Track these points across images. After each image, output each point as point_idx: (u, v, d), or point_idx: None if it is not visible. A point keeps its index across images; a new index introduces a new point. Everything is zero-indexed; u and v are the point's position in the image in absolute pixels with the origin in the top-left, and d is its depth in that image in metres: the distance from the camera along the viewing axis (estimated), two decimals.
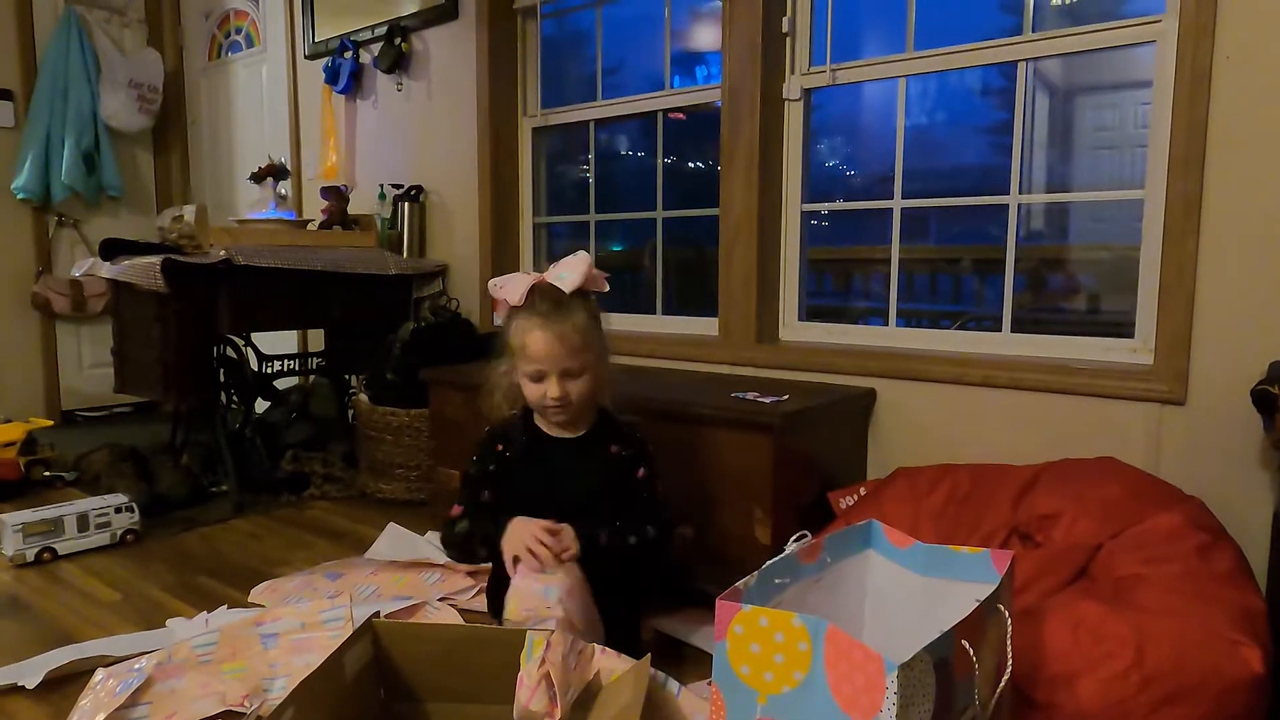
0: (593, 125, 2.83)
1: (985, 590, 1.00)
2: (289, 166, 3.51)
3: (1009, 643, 0.98)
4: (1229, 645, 1.16)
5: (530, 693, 1.07)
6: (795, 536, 1.13)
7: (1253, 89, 1.57)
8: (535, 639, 1.12)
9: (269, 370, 3.02)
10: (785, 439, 1.74)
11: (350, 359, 3.11)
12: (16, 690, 1.49)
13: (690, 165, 2.91)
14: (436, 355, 2.60)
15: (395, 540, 2.27)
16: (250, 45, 3.93)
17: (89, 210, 4.04)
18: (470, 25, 2.91)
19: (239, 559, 2.19)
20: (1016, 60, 1.96)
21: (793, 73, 2.28)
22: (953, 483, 1.69)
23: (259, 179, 3.17)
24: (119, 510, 2.27)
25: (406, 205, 3.11)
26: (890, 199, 2.20)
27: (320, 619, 1.57)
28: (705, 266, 2.52)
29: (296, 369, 3.17)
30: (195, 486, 2.71)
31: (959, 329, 2.41)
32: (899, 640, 1.09)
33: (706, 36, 2.68)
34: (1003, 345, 2.00)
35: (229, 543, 2.33)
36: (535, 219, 3.02)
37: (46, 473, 2.83)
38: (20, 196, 3.79)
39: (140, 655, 1.49)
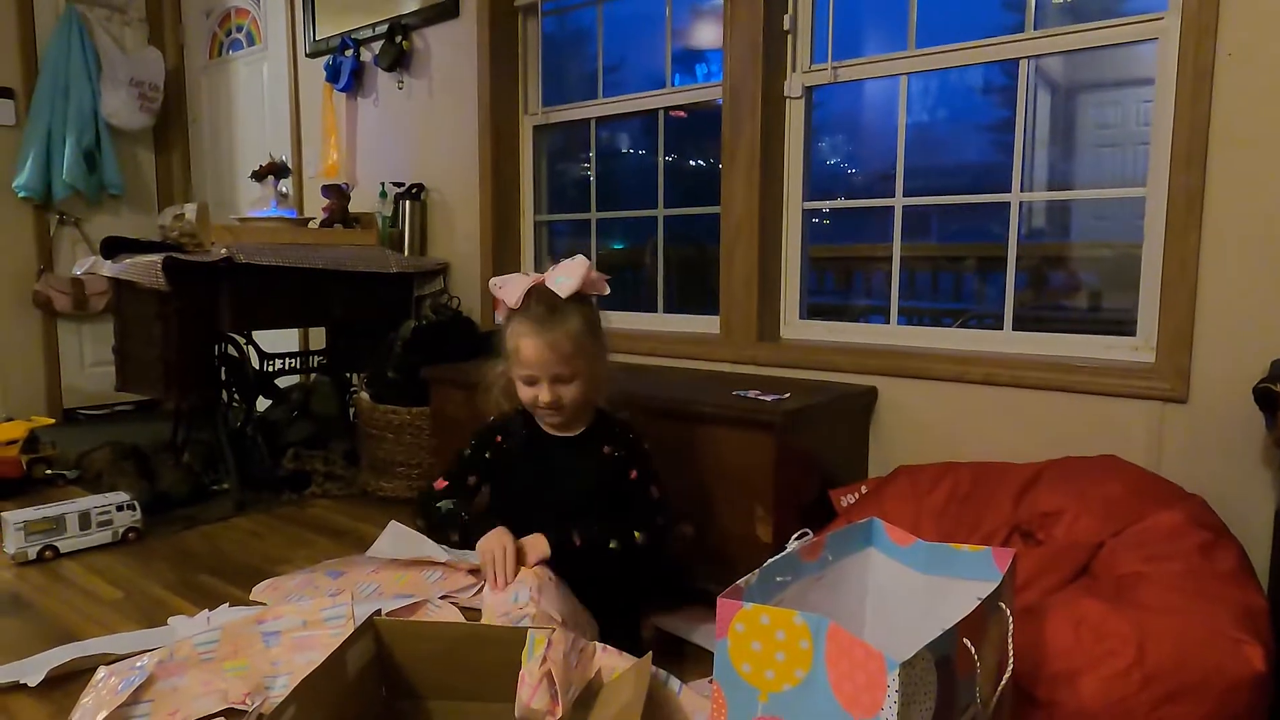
0: (594, 123, 2.83)
1: (987, 588, 1.00)
2: (290, 165, 3.51)
3: (1010, 641, 0.97)
4: (1231, 643, 1.16)
5: (532, 691, 1.07)
6: (796, 534, 1.13)
7: (1255, 86, 1.56)
8: (536, 637, 1.12)
9: (270, 368, 3.03)
10: (786, 437, 1.74)
11: (351, 357, 3.11)
12: (19, 688, 1.49)
13: (691, 163, 2.90)
14: (438, 353, 2.60)
15: (397, 538, 2.26)
16: (251, 43, 3.93)
17: (90, 208, 4.04)
18: (471, 23, 2.91)
19: (240, 557, 2.19)
20: (1018, 58, 1.95)
21: (794, 70, 2.27)
22: (954, 481, 1.69)
23: (260, 177, 3.17)
24: (121, 508, 2.28)
25: (407, 203, 3.11)
26: (892, 197, 2.20)
27: (322, 617, 1.57)
28: (706, 264, 2.51)
29: (298, 367, 3.17)
30: (197, 484, 2.72)
31: (960, 327, 2.41)
32: (900, 638, 1.09)
33: (707, 34, 2.68)
34: (1004, 343, 2.00)
35: (230, 541, 2.33)
36: (536, 217, 3.01)
37: (48, 471, 2.84)
38: (21, 195, 3.79)
39: (142, 653, 1.49)
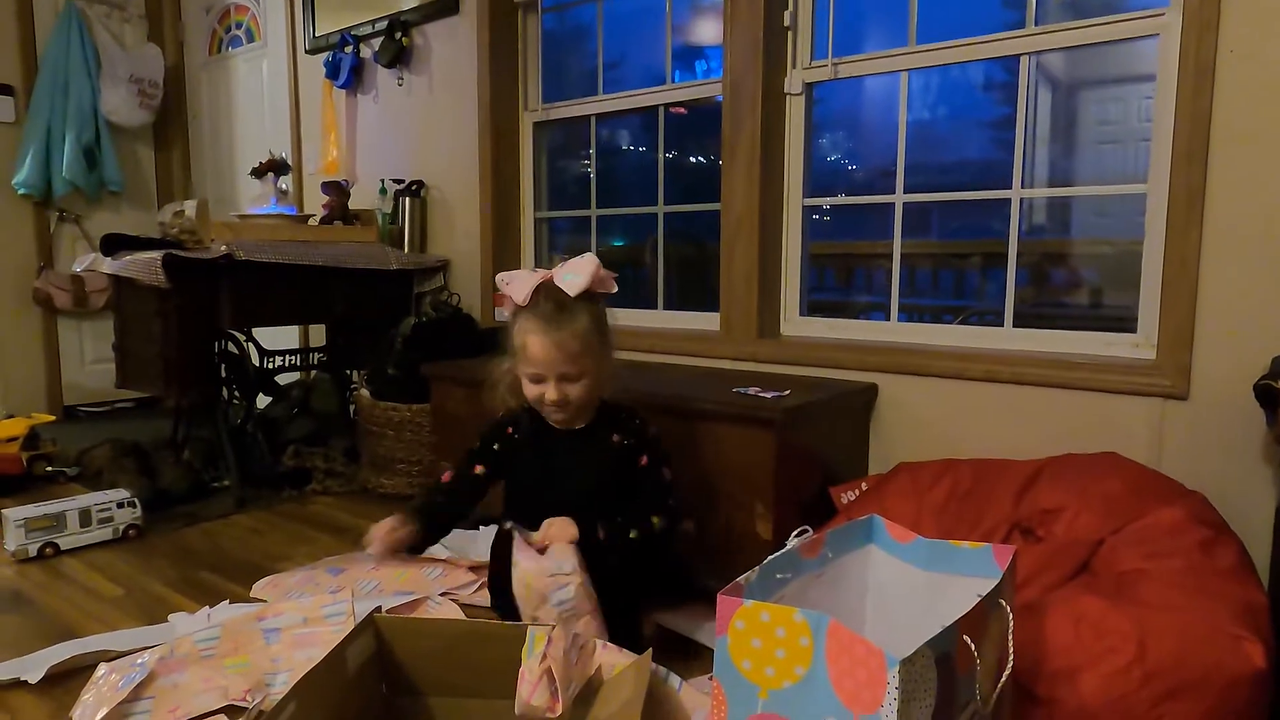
0: (594, 120, 2.83)
1: (987, 585, 1.00)
2: (290, 162, 3.51)
3: (1011, 638, 0.97)
4: (1231, 640, 1.16)
5: (532, 687, 1.07)
6: (797, 531, 1.13)
7: (1256, 83, 1.56)
8: (536, 634, 1.12)
9: (270, 365, 3.02)
10: (787, 434, 1.74)
11: (351, 354, 3.11)
12: (19, 685, 1.49)
13: (691, 160, 2.90)
14: (438, 350, 2.60)
15: None
16: (251, 40, 3.93)
17: (90, 205, 4.03)
18: (471, 20, 2.90)
19: (241, 554, 2.19)
20: (1019, 54, 1.95)
21: (794, 67, 2.27)
22: (954, 478, 1.69)
23: (260, 174, 3.17)
24: (121, 505, 2.28)
25: (407, 200, 3.10)
26: (892, 194, 2.20)
27: (322, 614, 1.57)
28: (706, 261, 2.51)
29: (298, 364, 3.17)
30: (197, 482, 2.72)
31: (961, 324, 2.41)
32: (900, 635, 1.09)
33: (707, 31, 2.67)
34: (1005, 340, 2.00)
35: (231, 538, 2.33)
36: (536, 214, 3.01)
37: (49, 468, 2.83)
38: (21, 192, 3.79)
39: (142, 650, 1.49)
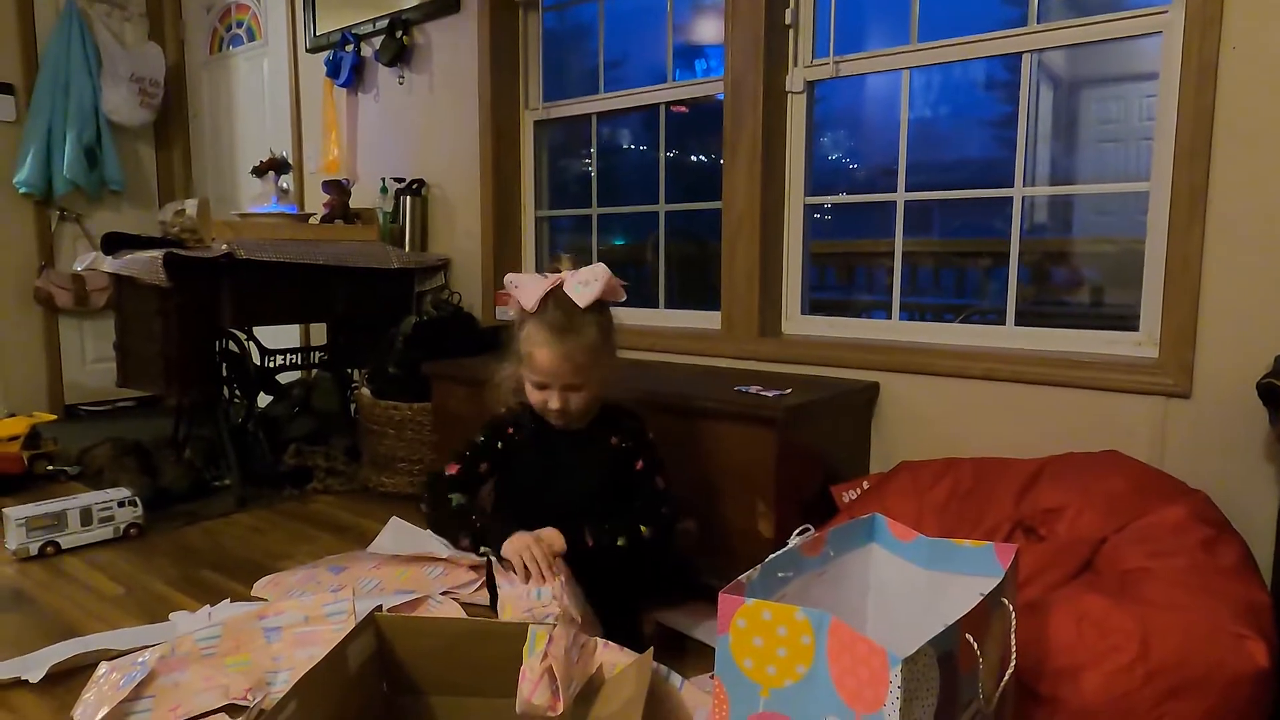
0: (595, 118, 2.82)
1: (989, 584, 0.99)
2: (290, 160, 3.51)
3: (1013, 636, 0.97)
4: (1234, 639, 1.16)
5: (533, 686, 1.07)
6: (798, 530, 1.13)
7: (1259, 81, 1.56)
8: (538, 633, 1.12)
9: (271, 364, 3.02)
10: (788, 432, 1.74)
11: (352, 353, 3.11)
12: (20, 684, 1.49)
13: (692, 158, 2.89)
14: (439, 349, 2.60)
15: (398, 534, 2.27)
16: (251, 39, 3.93)
17: (91, 204, 4.04)
18: (472, 18, 2.90)
19: (242, 553, 2.19)
20: (1021, 52, 1.94)
21: (795, 65, 2.27)
22: (956, 476, 1.69)
23: (261, 173, 3.18)
24: (122, 504, 2.28)
25: (408, 199, 3.10)
26: (893, 192, 2.19)
27: (323, 612, 1.57)
28: (708, 260, 2.51)
29: (299, 363, 3.17)
30: (198, 480, 2.72)
31: (962, 322, 2.41)
32: (902, 634, 1.09)
33: (708, 29, 2.67)
34: (1006, 338, 2.00)
35: (232, 537, 2.33)
36: (537, 213, 3.01)
37: (50, 467, 2.84)
38: (22, 191, 3.79)
39: (143, 649, 1.49)
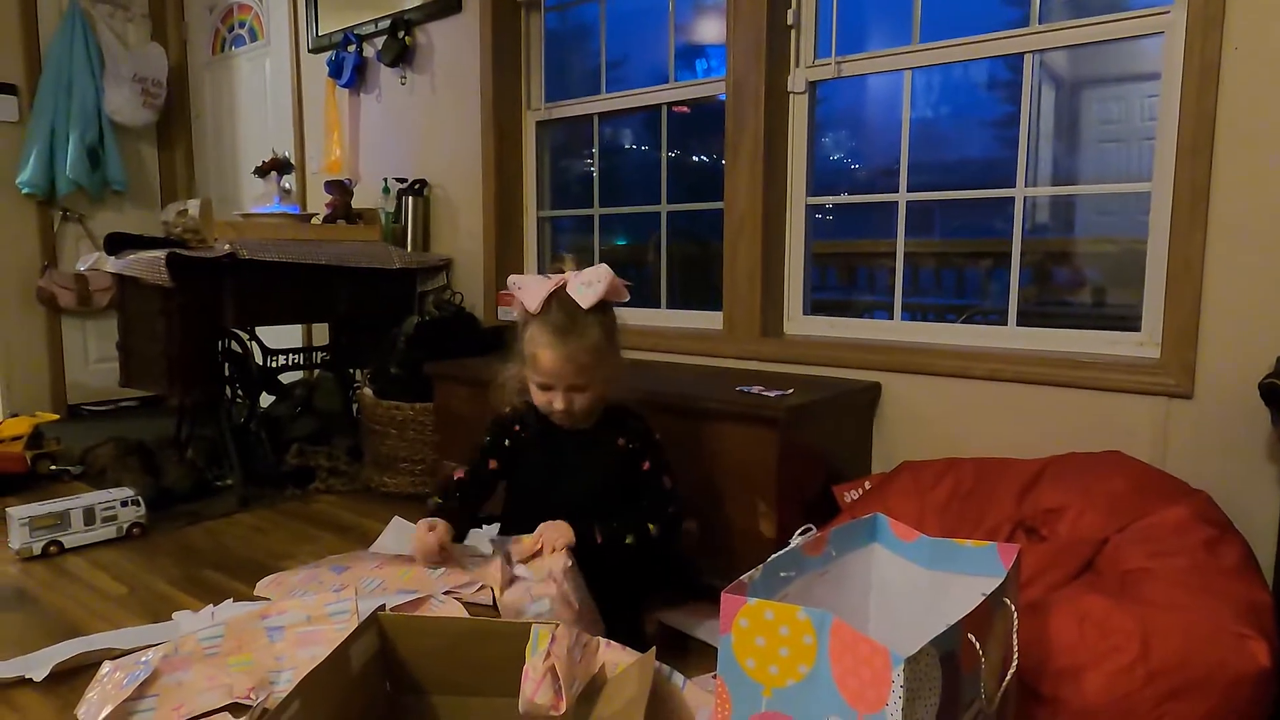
0: (596, 119, 2.83)
1: (991, 584, 1.00)
2: (293, 160, 3.51)
3: (1015, 636, 0.97)
4: (1235, 639, 1.16)
5: (535, 686, 1.07)
6: (800, 530, 1.13)
7: (1261, 81, 1.56)
8: (540, 632, 1.12)
9: (274, 364, 3.03)
10: (790, 433, 1.74)
11: (355, 353, 3.11)
12: (24, 683, 1.49)
13: (694, 159, 2.89)
14: (441, 349, 2.60)
15: (400, 534, 2.27)
16: (254, 39, 3.93)
17: (94, 205, 4.04)
18: (474, 18, 2.90)
19: (244, 552, 2.20)
20: (1022, 52, 1.95)
21: (797, 65, 2.27)
22: (957, 477, 1.69)
23: (263, 173, 3.18)
24: (125, 504, 2.28)
25: (410, 199, 3.11)
26: (895, 192, 2.19)
27: (326, 612, 1.57)
28: (709, 260, 2.51)
29: (301, 363, 3.17)
30: (200, 480, 2.73)
31: (964, 323, 2.40)
32: (904, 634, 1.09)
33: (710, 29, 2.67)
34: (1008, 339, 2.00)
35: (234, 536, 2.33)
36: (539, 213, 3.01)
37: (53, 466, 2.84)
38: (25, 191, 3.79)
39: (146, 648, 1.49)
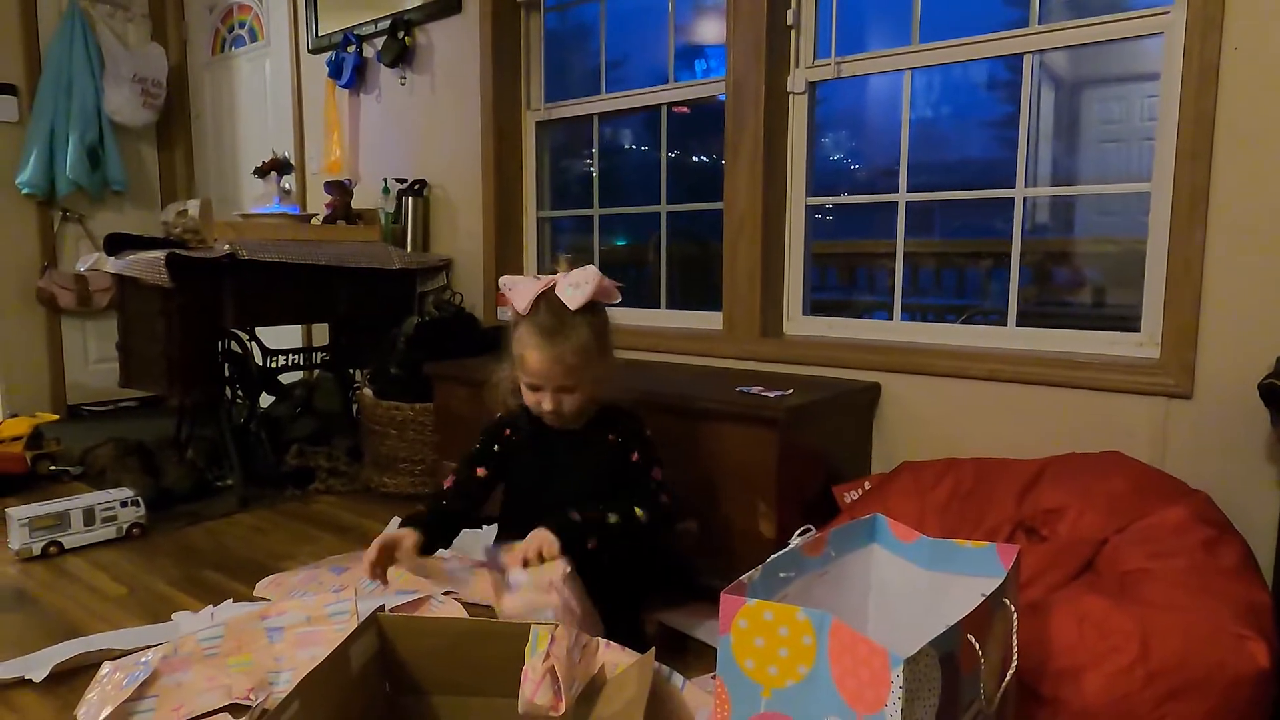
0: (596, 119, 2.83)
1: (991, 584, 1.00)
2: (293, 161, 3.51)
3: (1015, 637, 0.97)
4: (1235, 640, 1.16)
5: (535, 686, 1.07)
6: (800, 530, 1.13)
7: (1260, 81, 1.55)
8: (540, 633, 1.12)
9: (273, 365, 3.03)
10: (790, 433, 1.74)
11: (354, 353, 3.11)
12: (23, 683, 1.49)
13: (694, 159, 2.90)
14: (440, 350, 2.60)
15: None
16: (254, 39, 3.93)
17: (93, 205, 4.04)
18: (474, 19, 2.90)
19: (244, 553, 2.20)
20: (1022, 53, 1.94)
21: (797, 66, 2.27)
22: (957, 477, 1.69)
23: (263, 174, 3.18)
24: (124, 504, 2.28)
25: (410, 199, 3.11)
26: (895, 193, 2.19)
27: (325, 613, 1.57)
28: (709, 260, 2.51)
29: (301, 363, 3.17)
30: (200, 481, 2.73)
31: (964, 323, 2.41)
32: (904, 634, 1.09)
33: (710, 30, 2.67)
34: (1008, 339, 2.00)
35: (234, 537, 2.33)
36: (539, 213, 3.01)
37: (52, 467, 2.84)
38: (25, 191, 3.79)
39: (146, 649, 1.50)
